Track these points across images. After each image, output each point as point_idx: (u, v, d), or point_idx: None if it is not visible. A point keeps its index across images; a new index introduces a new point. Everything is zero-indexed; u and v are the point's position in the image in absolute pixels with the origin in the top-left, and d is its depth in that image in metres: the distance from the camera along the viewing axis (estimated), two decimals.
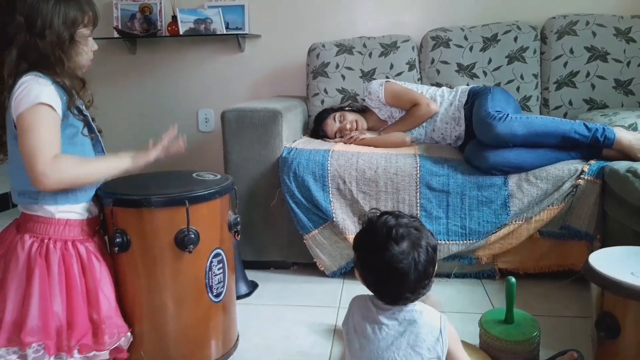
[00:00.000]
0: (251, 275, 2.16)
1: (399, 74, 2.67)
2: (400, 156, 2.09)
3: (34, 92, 1.24)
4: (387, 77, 2.65)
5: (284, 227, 2.18)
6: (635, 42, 2.52)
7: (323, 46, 2.74)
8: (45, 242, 1.31)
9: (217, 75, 3.15)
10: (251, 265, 2.22)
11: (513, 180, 1.97)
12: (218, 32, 2.95)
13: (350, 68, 2.71)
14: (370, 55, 2.70)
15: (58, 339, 1.27)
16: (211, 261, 1.48)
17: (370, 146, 2.25)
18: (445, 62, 2.66)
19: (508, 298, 1.47)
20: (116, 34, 3.03)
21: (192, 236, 1.39)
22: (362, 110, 2.57)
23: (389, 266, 1.11)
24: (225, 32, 2.95)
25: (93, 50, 1.42)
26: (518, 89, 2.60)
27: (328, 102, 2.70)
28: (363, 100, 2.59)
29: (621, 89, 2.52)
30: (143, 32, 3.04)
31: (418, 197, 2.02)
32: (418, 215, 2.01)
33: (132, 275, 1.43)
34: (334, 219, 2.06)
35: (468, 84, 2.56)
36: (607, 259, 1.32)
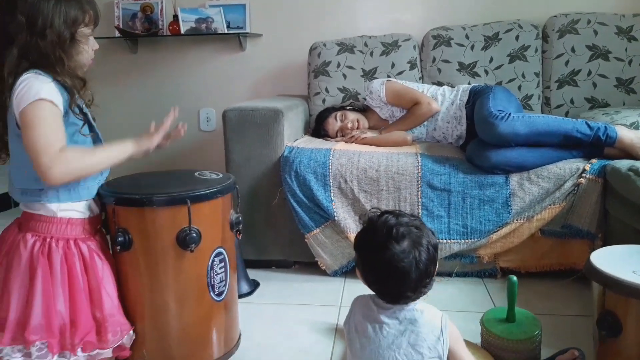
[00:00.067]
0: (252, 274, 2.16)
1: (400, 73, 2.67)
2: (401, 155, 2.09)
3: (35, 89, 1.24)
4: (389, 76, 2.65)
5: (286, 226, 2.18)
6: (636, 41, 2.51)
7: (324, 45, 2.74)
8: (47, 241, 1.31)
9: (219, 74, 3.15)
10: (252, 264, 2.22)
11: (514, 179, 1.97)
12: (219, 32, 2.95)
13: (351, 67, 2.71)
14: (371, 54, 2.70)
15: (61, 338, 1.28)
16: (213, 260, 1.48)
17: (371, 145, 2.25)
18: (446, 61, 2.66)
19: (509, 297, 1.47)
20: (117, 34, 3.03)
21: (194, 235, 1.40)
22: (364, 109, 2.57)
23: (390, 265, 1.11)
24: (226, 32, 2.95)
25: (94, 49, 1.42)
26: (519, 88, 2.60)
27: (329, 101, 2.70)
28: (364, 99, 2.59)
29: (623, 88, 2.52)
30: (144, 32, 3.04)
31: (419, 196, 2.02)
32: (419, 214, 2.02)
33: (134, 274, 1.44)
34: (336, 218, 2.06)
35: (469, 83, 2.56)
36: (609, 258, 1.32)
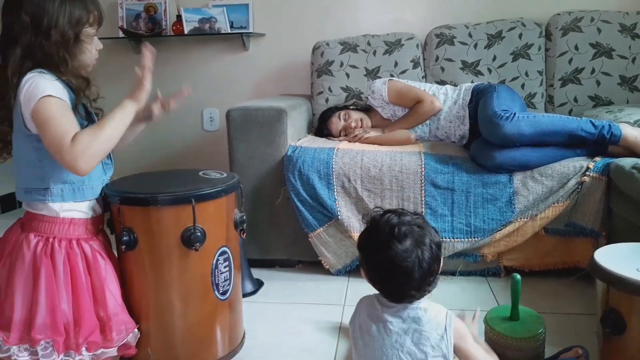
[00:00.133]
0: (256, 273, 2.17)
1: (404, 72, 2.67)
2: (405, 154, 2.09)
3: (41, 87, 1.24)
4: (392, 75, 2.65)
5: (289, 226, 2.18)
6: None
7: (327, 44, 2.74)
8: (50, 241, 1.32)
9: (222, 74, 3.15)
10: (256, 263, 2.23)
11: (518, 177, 1.97)
12: (223, 31, 2.95)
13: (354, 66, 2.71)
14: (374, 53, 2.70)
15: (67, 337, 1.28)
16: (217, 259, 1.48)
17: (374, 144, 2.25)
18: (449, 60, 2.66)
19: (513, 295, 1.47)
20: (121, 34, 3.04)
21: (199, 234, 1.40)
22: (366, 109, 2.57)
23: (393, 264, 1.11)
24: (229, 31, 2.96)
25: (98, 49, 1.43)
26: (523, 86, 2.60)
27: (332, 101, 2.70)
28: (367, 98, 2.59)
29: (626, 86, 2.51)
30: (148, 32, 3.05)
31: (423, 195, 2.02)
32: (423, 212, 2.02)
33: (139, 273, 1.44)
34: (339, 217, 2.07)
35: (473, 82, 2.56)
36: (613, 255, 1.32)
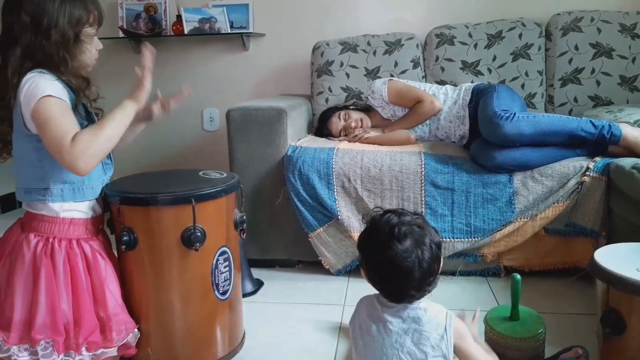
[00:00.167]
0: (256, 273, 2.17)
1: (404, 72, 2.67)
2: (405, 154, 2.09)
3: (41, 87, 1.24)
4: (392, 75, 2.65)
5: (289, 226, 2.18)
6: None
7: (327, 44, 2.74)
8: (50, 241, 1.32)
9: (222, 74, 3.15)
10: (256, 263, 2.23)
11: (518, 177, 1.97)
12: (223, 31, 2.95)
13: (354, 66, 2.71)
14: (374, 53, 2.70)
15: (66, 337, 1.28)
16: (217, 259, 1.48)
17: (375, 144, 2.25)
18: (449, 60, 2.66)
19: (513, 295, 1.47)
20: (121, 34, 3.04)
21: (199, 234, 1.40)
22: (366, 109, 2.57)
23: (393, 264, 1.11)
24: (229, 31, 2.96)
25: (98, 49, 1.43)
26: (523, 86, 2.60)
27: (332, 101, 2.70)
28: (367, 98, 2.59)
29: (626, 86, 2.51)
30: (148, 32, 3.05)
31: (423, 195, 2.02)
32: (423, 213, 2.02)
33: (139, 273, 1.44)
34: (339, 217, 2.07)
35: (473, 82, 2.56)
36: (613, 255, 1.32)
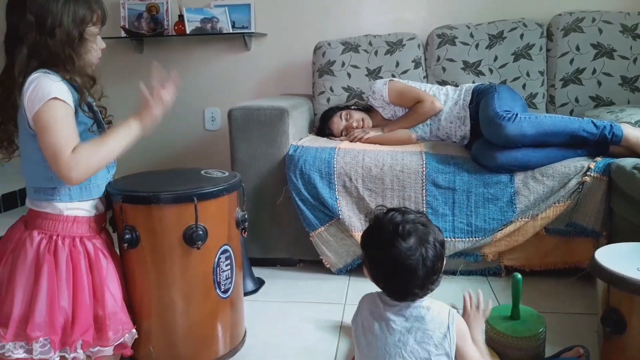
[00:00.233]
0: (258, 272, 2.17)
1: (405, 72, 2.67)
2: (406, 153, 2.09)
3: (46, 88, 1.25)
4: (393, 76, 2.66)
5: (291, 225, 2.19)
6: None
7: (329, 44, 2.75)
8: (53, 239, 1.32)
9: (224, 74, 3.16)
10: (258, 262, 2.23)
11: (519, 177, 1.97)
12: (224, 31, 2.95)
13: (356, 66, 2.71)
14: (375, 53, 2.71)
15: (63, 334, 1.29)
16: (219, 257, 1.49)
17: (376, 144, 2.25)
18: (451, 60, 2.66)
19: (514, 294, 1.47)
20: (123, 34, 3.05)
21: (201, 233, 1.41)
22: (367, 109, 2.57)
23: (397, 262, 1.11)
24: (231, 31, 2.96)
25: (101, 48, 1.44)
26: (524, 86, 2.60)
27: (334, 101, 2.71)
28: (368, 98, 2.59)
29: (627, 86, 2.51)
30: (150, 32, 3.05)
31: (424, 195, 2.03)
32: (424, 212, 2.02)
33: (141, 271, 1.45)
34: (340, 216, 2.07)
35: (474, 82, 2.56)
36: (613, 255, 1.32)
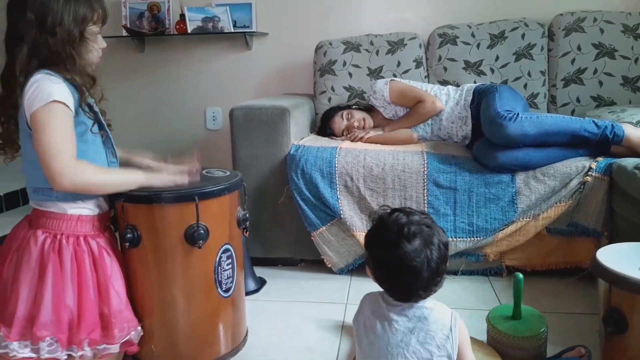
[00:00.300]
0: (259, 271, 2.17)
1: (406, 72, 2.67)
2: (407, 153, 2.09)
3: (47, 90, 1.25)
4: (394, 75, 2.66)
5: (292, 224, 2.19)
6: None
7: (330, 44, 2.74)
8: (58, 238, 1.32)
9: (225, 73, 3.16)
10: (259, 262, 2.24)
11: (520, 177, 1.97)
12: (226, 31, 2.96)
13: (357, 66, 2.71)
14: (377, 52, 2.71)
15: (70, 333, 1.29)
16: (220, 256, 1.49)
17: (377, 143, 2.25)
18: (452, 60, 2.66)
19: (516, 294, 1.48)
20: (125, 33, 3.05)
21: (202, 232, 1.41)
22: (369, 108, 2.57)
23: (402, 264, 1.10)
24: (232, 31, 2.96)
25: (102, 47, 1.43)
26: (525, 86, 2.60)
27: (335, 100, 2.71)
28: (369, 98, 2.59)
29: (629, 86, 2.51)
30: (151, 31, 3.05)
31: (425, 194, 2.03)
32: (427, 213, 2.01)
33: (143, 270, 1.45)
34: (342, 216, 2.07)
35: (475, 82, 2.56)
36: (615, 255, 1.32)
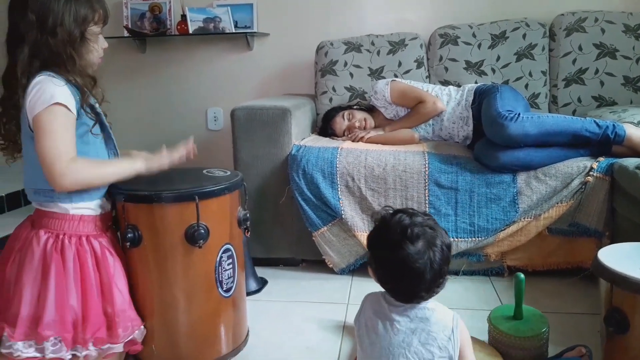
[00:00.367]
0: (260, 272, 2.17)
1: (407, 72, 2.67)
2: (408, 153, 2.09)
3: (49, 92, 1.25)
4: (395, 75, 2.66)
5: (293, 224, 2.19)
6: None
7: (331, 44, 2.75)
8: (60, 238, 1.33)
9: (226, 73, 3.16)
10: (260, 262, 2.24)
11: (522, 177, 1.97)
12: (227, 31, 2.96)
13: (358, 66, 2.71)
14: (378, 53, 2.71)
15: (75, 333, 1.29)
16: (221, 256, 1.49)
17: (378, 143, 2.25)
18: (453, 60, 2.66)
19: (517, 294, 1.47)
20: (126, 33, 3.05)
21: (202, 231, 1.41)
22: (370, 109, 2.57)
23: (405, 266, 1.10)
24: (234, 31, 2.96)
25: (103, 48, 1.43)
26: (527, 86, 2.60)
27: (336, 100, 2.71)
28: (370, 98, 2.59)
29: (630, 86, 2.51)
30: (153, 31, 3.05)
31: (427, 194, 2.03)
32: (426, 212, 2.01)
33: (143, 270, 1.45)
34: (343, 216, 2.07)
35: (476, 82, 2.56)
36: (616, 255, 1.32)
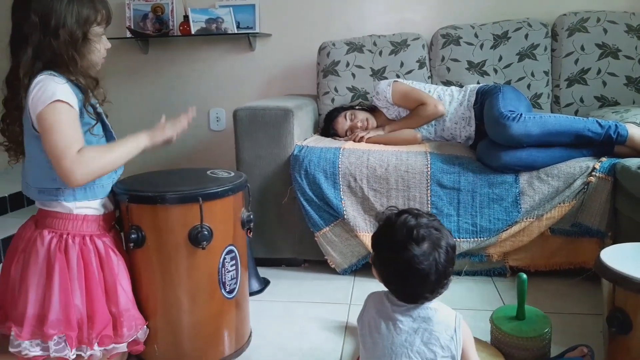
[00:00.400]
0: (263, 272, 2.18)
1: (409, 72, 2.68)
2: (411, 154, 2.09)
3: (50, 90, 1.26)
4: (398, 76, 2.66)
5: (296, 225, 2.19)
6: None
7: (333, 45, 2.75)
8: (64, 237, 1.33)
9: (228, 74, 3.16)
10: (263, 262, 2.24)
11: (524, 177, 1.97)
12: (229, 32, 2.97)
13: (360, 66, 2.71)
14: (380, 53, 2.71)
15: (79, 332, 1.30)
16: (224, 258, 1.50)
17: (380, 143, 2.26)
18: (455, 60, 2.66)
19: (519, 294, 1.48)
20: (129, 34, 3.06)
21: (206, 233, 1.41)
22: (372, 109, 2.57)
23: (410, 267, 1.10)
24: (236, 32, 2.97)
25: (106, 48, 1.44)
26: (529, 87, 2.60)
27: (338, 101, 2.71)
28: (372, 99, 2.59)
29: (632, 86, 2.51)
30: (155, 32, 3.06)
31: (429, 195, 2.03)
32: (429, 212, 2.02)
33: (147, 271, 1.46)
34: (345, 217, 2.07)
35: (478, 82, 2.56)
36: (619, 255, 1.32)
